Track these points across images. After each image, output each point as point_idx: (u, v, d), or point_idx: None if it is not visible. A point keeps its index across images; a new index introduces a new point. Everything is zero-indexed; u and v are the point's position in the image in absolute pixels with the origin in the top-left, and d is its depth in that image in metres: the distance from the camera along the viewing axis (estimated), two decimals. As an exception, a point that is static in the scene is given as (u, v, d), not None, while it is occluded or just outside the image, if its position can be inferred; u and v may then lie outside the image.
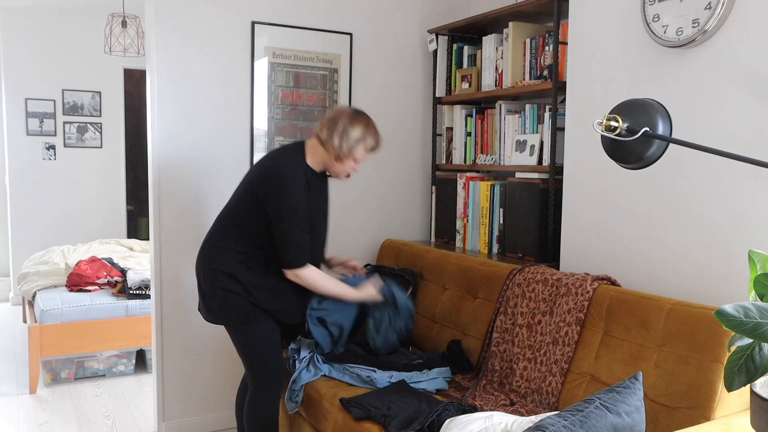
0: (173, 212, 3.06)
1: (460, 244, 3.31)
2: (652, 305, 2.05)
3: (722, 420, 1.76)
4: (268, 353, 2.45)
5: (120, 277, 4.38)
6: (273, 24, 3.19)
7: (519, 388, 2.37)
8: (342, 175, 2.45)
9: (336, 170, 2.43)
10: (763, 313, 1.18)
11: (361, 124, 2.37)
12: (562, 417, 1.44)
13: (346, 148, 2.34)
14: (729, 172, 2.07)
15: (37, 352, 3.78)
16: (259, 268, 2.39)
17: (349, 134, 2.34)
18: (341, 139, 2.33)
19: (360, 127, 2.36)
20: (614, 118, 1.43)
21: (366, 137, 2.37)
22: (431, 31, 3.48)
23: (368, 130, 2.38)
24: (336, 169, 2.42)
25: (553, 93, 2.74)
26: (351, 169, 2.42)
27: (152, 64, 2.97)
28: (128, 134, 6.45)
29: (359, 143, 2.35)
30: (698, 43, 2.12)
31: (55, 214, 6.08)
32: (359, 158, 2.40)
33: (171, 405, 3.12)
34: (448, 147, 3.50)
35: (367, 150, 2.39)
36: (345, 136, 2.33)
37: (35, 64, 5.92)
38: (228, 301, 2.38)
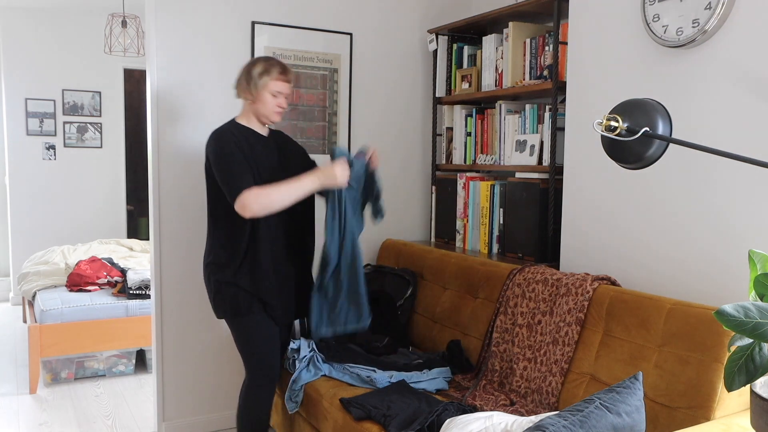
0: (173, 212, 3.06)
1: (460, 244, 3.31)
2: (652, 305, 2.05)
3: (722, 420, 1.76)
4: (263, 348, 2.48)
5: (120, 277, 4.38)
6: (273, 24, 3.19)
7: (519, 388, 2.37)
8: (271, 114, 2.46)
9: (262, 112, 2.46)
10: (763, 313, 1.18)
11: (260, 61, 2.44)
12: (562, 417, 1.44)
13: (253, 86, 2.41)
14: (729, 172, 2.07)
15: (37, 352, 3.78)
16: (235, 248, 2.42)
17: (251, 73, 2.41)
18: (246, 80, 2.42)
19: (261, 64, 2.42)
20: (614, 118, 1.43)
21: (269, 68, 2.41)
22: (431, 31, 3.48)
23: (270, 61, 2.44)
24: (261, 112, 2.45)
25: (553, 93, 2.74)
26: (275, 105, 2.45)
27: (152, 64, 2.97)
28: (128, 134, 6.45)
29: (263, 76, 2.40)
30: (698, 43, 2.12)
31: (55, 214, 6.08)
32: (274, 89, 2.42)
33: (171, 405, 3.12)
34: (448, 147, 3.50)
35: (275, 78, 2.42)
36: (249, 76, 2.42)
37: (35, 64, 5.92)
38: (221, 293, 2.45)
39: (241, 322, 2.47)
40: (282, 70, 2.44)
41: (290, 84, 2.49)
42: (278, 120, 2.52)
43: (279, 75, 2.43)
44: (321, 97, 3.34)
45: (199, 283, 3.12)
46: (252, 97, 2.44)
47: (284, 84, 2.45)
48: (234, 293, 2.43)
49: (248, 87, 2.43)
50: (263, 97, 2.43)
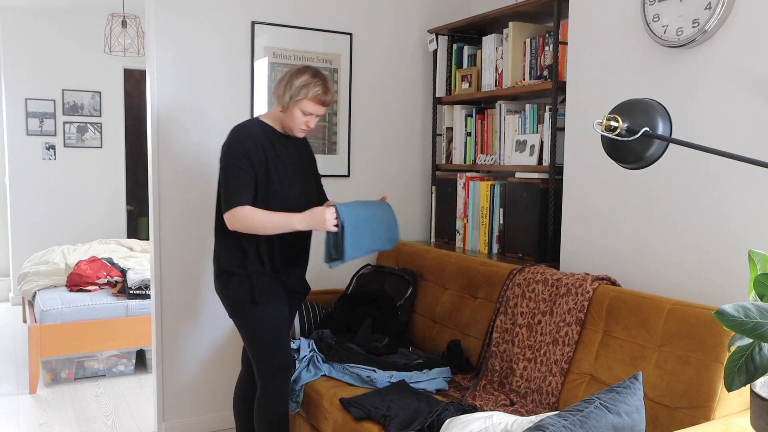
0: (173, 212, 3.06)
1: (460, 244, 3.31)
2: (652, 305, 2.05)
3: (722, 420, 1.76)
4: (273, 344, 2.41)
5: (120, 277, 4.38)
6: (273, 24, 3.19)
7: (519, 388, 2.37)
8: (295, 129, 2.39)
9: (288, 124, 2.39)
10: (763, 313, 1.18)
11: (307, 74, 2.35)
12: (562, 417, 1.44)
13: (288, 97, 2.33)
14: (728, 171, 2.07)
15: (37, 352, 3.78)
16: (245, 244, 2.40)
17: (293, 82, 2.33)
18: (285, 88, 2.34)
19: (305, 76, 2.34)
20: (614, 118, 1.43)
21: (310, 86, 2.32)
22: (431, 31, 3.48)
23: (314, 80, 2.34)
24: (287, 123, 2.39)
25: (553, 93, 2.74)
26: (302, 122, 2.37)
27: (152, 64, 2.97)
28: (128, 134, 6.45)
29: (302, 91, 2.31)
30: (698, 43, 2.12)
31: (55, 214, 6.08)
32: (307, 110, 2.34)
33: (171, 405, 3.12)
34: (448, 147, 3.50)
35: (311, 99, 2.33)
36: (289, 85, 2.33)
37: (35, 64, 5.92)
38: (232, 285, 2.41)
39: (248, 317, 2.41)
40: (323, 93, 2.35)
41: (326, 108, 2.40)
42: (301, 136, 2.46)
43: (317, 97, 2.34)
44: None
45: (199, 283, 3.12)
46: (282, 107, 2.36)
47: (319, 107, 2.36)
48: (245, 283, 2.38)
49: (283, 95, 2.34)
50: (293, 111, 2.35)
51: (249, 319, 2.41)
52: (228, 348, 3.22)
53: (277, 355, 2.43)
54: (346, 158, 3.44)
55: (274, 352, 2.42)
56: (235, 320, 2.47)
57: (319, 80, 2.35)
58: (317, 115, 2.38)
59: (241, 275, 2.39)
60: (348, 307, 3.04)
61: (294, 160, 2.47)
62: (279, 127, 2.44)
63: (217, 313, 3.17)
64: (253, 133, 2.36)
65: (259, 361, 2.43)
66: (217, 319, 3.18)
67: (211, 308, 3.16)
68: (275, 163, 2.38)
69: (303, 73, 2.35)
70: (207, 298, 3.15)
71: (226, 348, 3.22)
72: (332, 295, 3.23)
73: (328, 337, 2.82)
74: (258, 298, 2.38)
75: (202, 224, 3.10)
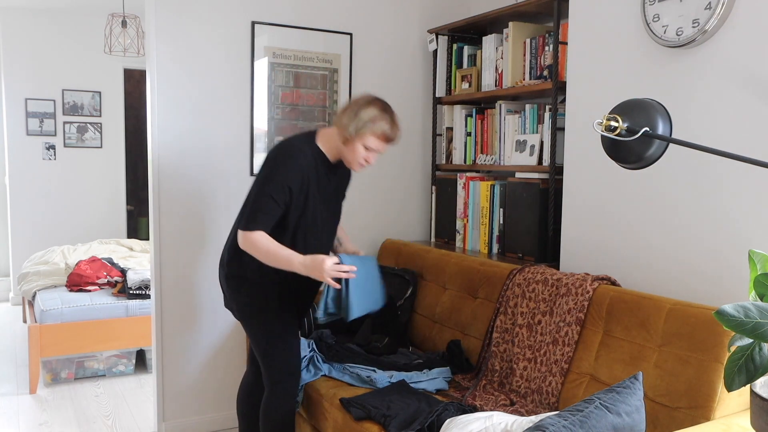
0: (173, 212, 3.06)
1: (460, 244, 3.31)
2: (652, 305, 2.05)
3: (722, 420, 1.76)
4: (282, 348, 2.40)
5: (120, 277, 4.38)
6: (273, 24, 3.19)
7: (519, 388, 2.37)
8: (354, 163, 2.29)
9: (347, 156, 2.29)
10: (763, 313, 1.18)
11: (376, 107, 2.24)
12: (562, 417, 1.44)
13: (353, 129, 2.21)
14: (728, 171, 2.07)
15: (37, 352, 3.78)
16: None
17: (359, 114, 2.21)
18: (351, 118, 2.22)
19: (374, 110, 2.23)
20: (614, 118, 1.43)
21: (377, 121, 2.21)
22: (431, 31, 3.48)
23: (382, 115, 2.23)
24: (346, 155, 2.29)
25: (553, 93, 2.74)
26: (362, 157, 2.27)
27: (152, 64, 2.97)
28: (128, 134, 6.45)
29: (368, 125, 2.21)
30: (698, 43, 2.12)
31: (55, 214, 6.08)
32: (371, 146, 2.24)
33: (171, 405, 3.12)
34: (448, 147, 3.50)
35: (377, 135, 2.23)
36: (356, 116, 2.22)
37: (35, 64, 5.92)
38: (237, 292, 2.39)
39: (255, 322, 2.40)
40: (390, 129, 2.25)
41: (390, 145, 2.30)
42: (357, 170, 2.36)
43: (384, 134, 2.24)
44: (321, 97, 3.34)
45: (199, 283, 3.12)
46: (344, 139, 2.25)
47: (384, 145, 2.27)
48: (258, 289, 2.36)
49: (348, 125, 2.22)
50: (356, 145, 2.24)
51: (259, 324, 2.39)
52: (228, 348, 3.22)
53: (287, 360, 2.41)
54: (346, 158, 3.44)
55: (284, 357, 2.41)
56: (244, 323, 2.45)
57: (387, 115, 2.25)
58: (379, 151, 2.29)
59: (253, 281, 2.36)
60: (348, 307, 3.04)
61: (333, 191, 2.41)
62: (332, 156, 2.34)
63: (218, 313, 3.17)
64: (304, 163, 2.25)
65: (268, 365, 2.41)
66: (217, 318, 3.18)
67: (211, 308, 3.16)
68: (314, 197, 2.31)
69: (371, 105, 2.24)
70: (207, 298, 3.15)
71: (226, 348, 3.22)
72: (332, 295, 3.23)
73: (328, 337, 2.81)
74: (270, 304, 2.37)
75: (202, 224, 3.10)
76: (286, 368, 2.41)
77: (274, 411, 2.42)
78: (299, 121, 3.30)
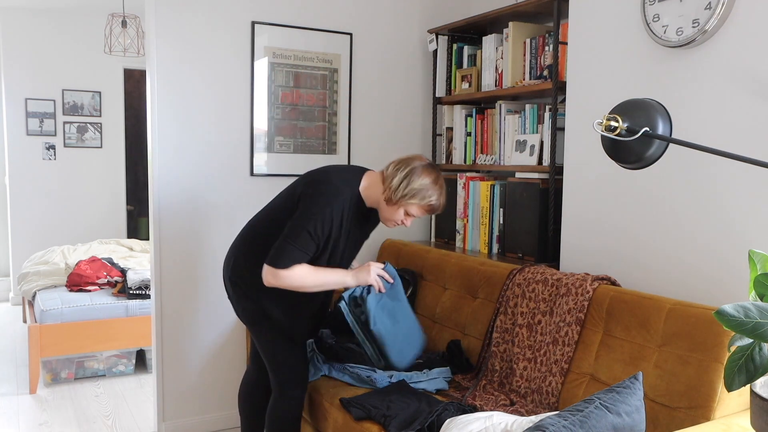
0: (173, 212, 3.06)
1: (460, 244, 3.31)
2: (652, 305, 2.05)
3: (722, 420, 1.76)
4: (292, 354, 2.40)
5: (120, 277, 4.38)
6: (273, 24, 3.19)
7: (519, 388, 2.37)
8: (389, 222, 2.29)
9: (384, 214, 2.28)
10: (763, 313, 1.18)
11: (431, 177, 2.22)
12: (562, 417, 1.44)
13: (401, 193, 2.19)
14: (729, 172, 2.07)
15: (37, 352, 3.78)
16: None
17: (412, 180, 2.19)
18: (402, 181, 2.19)
19: (427, 179, 2.21)
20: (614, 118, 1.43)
21: (428, 191, 2.20)
22: (431, 31, 3.48)
23: (434, 186, 2.22)
24: (385, 213, 2.27)
25: (553, 93, 2.74)
26: (399, 220, 2.27)
27: (152, 64, 2.97)
28: (128, 134, 6.45)
29: (418, 194, 2.19)
30: (698, 43, 2.12)
31: (55, 214, 6.08)
32: (413, 213, 2.24)
33: (171, 405, 3.12)
34: (448, 147, 3.50)
35: (423, 205, 2.23)
36: (407, 180, 2.19)
37: (35, 64, 5.92)
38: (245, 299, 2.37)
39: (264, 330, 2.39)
40: (437, 202, 2.24)
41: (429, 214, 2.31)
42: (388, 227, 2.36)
43: (430, 205, 2.23)
44: (321, 97, 3.34)
45: (199, 283, 3.12)
46: (387, 199, 2.22)
47: (424, 213, 2.28)
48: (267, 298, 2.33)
49: (396, 190, 2.19)
50: (398, 209, 2.23)
51: (268, 331, 2.38)
52: (228, 348, 3.22)
53: (296, 365, 2.42)
54: (346, 158, 3.44)
55: (293, 362, 2.41)
56: (251, 328, 2.43)
57: (438, 188, 2.24)
58: (417, 217, 2.29)
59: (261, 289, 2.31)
60: (348, 307, 3.04)
61: (360, 236, 2.41)
62: (369, 203, 2.31)
63: (217, 313, 3.17)
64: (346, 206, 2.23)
65: (276, 370, 2.41)
66: (217, 319, 3.18)
67: (211, 308, 3.16)
68: (345, 241, 2.30)
69: (426, 174, 2.22)
70: (207, 298, 3.15)
71: (226, 348, 3.22)
72: (332, 295, 3.23)
73: (328, 337, 2.81)
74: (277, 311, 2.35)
75: (202, 224, 3.10)
76: (293, 374, 2.41)
77: (280, 416, 2.42)
78: (299, 121, 3.30)
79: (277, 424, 2.43)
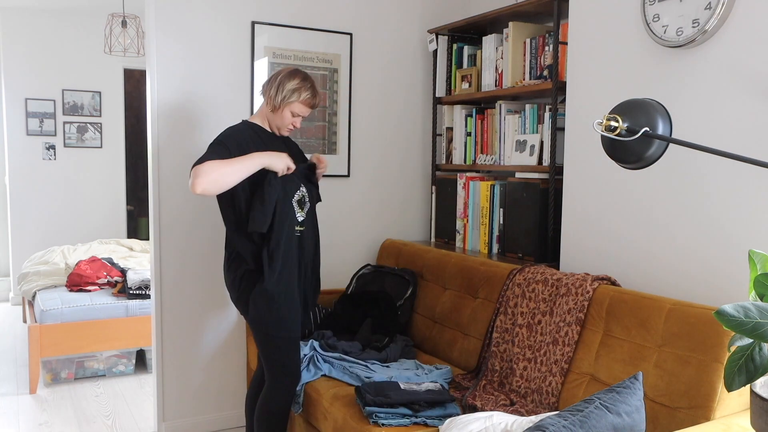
0: (173, 212, 3.06)
1: (460, 244, 3.31)
2: (652, 305, 2.05)
3: (722, 420, 1.76)
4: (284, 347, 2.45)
5: (120, 277, 4.38)
6: (273, 24, 3.19)
7: (519, 388, 2.37)
8: (283, 128, 2.51)
9: (276, 122, 2.50)
10: (763, 313, 1.18)
11: (298, 78, 2.46)
12: (562, 417, 1.44)
13: (279, 98, 2.44)
14: (729, 172, 2.07)
15: (37, 352, 3.78)
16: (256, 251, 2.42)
17: (284, 85, 2.44)
18: (276, 89, 2.45)
19: (296, 81, 2.45)
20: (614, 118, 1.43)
21: (301, 89, 2.45)
22: (431, 31, 3.48)
23: (305, 83, 2.46)
24: (276, 122, 2.50)
25: (553, 93, 2.74)
26: (290, 122, 2.50)
27: (152, 64, 2.97)
28: (128, 134, 6.45)
29: (293, 94, 2.44)
30: (698, 43, 2.12)
31: (55, 214, 6.08)
32: (296, 111, 2.47)
33: (171, 405, 3.12)
34: (448, 147, 3.50)
35: (303, 101, 2.46)
36: (280, 87, 2.44)
37: (35, 64, 5.92)
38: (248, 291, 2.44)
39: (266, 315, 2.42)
40: (312, 96, 2.49)
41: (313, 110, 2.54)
42: (287, 134, 2.57)
43: (307, 100, 2.48)
44: (321, 97, 3.34)
45: (199, 283, 3.12)
46: (273, 107, 2.47)
47: (308, 109, 2.51)
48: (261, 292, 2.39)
49: (275, 96, 2.45)
50: (283, 112, 2.47)
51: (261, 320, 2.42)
52: (228, 348, 3.22)
53: (289, 357, 2.46)
54: (346, 158, 3.44)
55: (286, 354, 2.45)
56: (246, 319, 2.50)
57: (308, 84, 2.48)
58: (303, 116, 2.52)
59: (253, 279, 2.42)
60: (348, 307, 3.04)
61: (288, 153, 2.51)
62: (267, 127, 2.55)
63: (217, 313, 3.17)
64: (240, 132, 2.45)
65: (269, 362, 2.46)
66: (217, 319, 3.18)
67: (211, 308, 3.16)
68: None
69: (294, 77, 2.47)
70: (207, 298, 3.15)
71: (227, 348, 3.22)
72: (332, 295, 3.23)
73: (329, 337, 2.82)
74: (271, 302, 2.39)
75: (202, 224, 3.10)
76: (287, 366, 2.45)
77: (270, 404, 2.47)
78: (299, 121, 3.29)
79: (266, 412, 2.47)
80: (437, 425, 2.13)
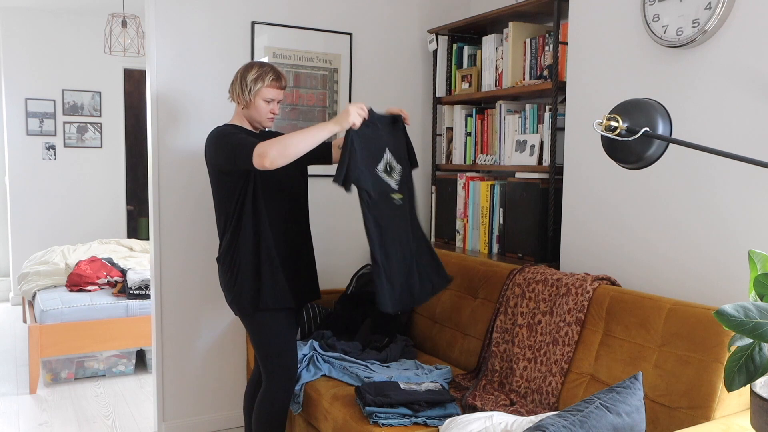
0: (173, 212, 3.06)
1: (460, 244, 3.31)
2: (652, 305, 2.05)
3: (722, 420, 1.76)
4: (279, 346, 2.44)
5: (120, 277, 4.38)
6: (273, 24, 3.19)
7: (519, 388, 2.37)
8: (264, 120, 2.48)
9: (255, 117, 2.48)
10: (763, 313, 1.18)
11: (255, 67, 2.45)
12: (562, 417, 1.44)
13: (246, 92, 2.43)
14: (729, 171, 2.07)
15: (37, 352, 3.78)
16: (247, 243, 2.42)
17: (245, 79, 2.43)
18: (240, 86, 2.44)
19: (254, 70, 2.44)
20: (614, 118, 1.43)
21: (262, 75, 2.42)
22: (431, 31, 3.48)
23: (263, 69, 2.44)
24: (254, 116, 2.47)
25: (553, 93, 2.74)
26: (268, 111, 2.47)
27: (152, 64, 2.97)
28: (128, 134, 6.45)
29: (257, 82, 2.42)
30: (698, 43, 2.12)
31: (55, 214, 6.08)
32: (267, 96, 2.44)
33: (171, 405, 3.12)
34: (448, 147, 3.50)
35: (269, 86, 2.43)
36: (243, 82, 2.43)
37: (35, 64, 5.92)
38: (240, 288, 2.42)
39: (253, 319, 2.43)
40: (276, 77, 2.45)
41: (283, 90, 2.50)
42: (270, 126, 2.54)
43: (272, 82, 2.44)
44: (321, 97, 3.34)
45: (199, 283, 3.12)
46: (245, 103, 2.46)
47: (277, 91, 2.47)
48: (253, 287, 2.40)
49: (242, 93, 2.44)
50: (257, 103, 2.44)
51: (255, 323, 2.43)
52: (228, 348, 3.22)
53: (284, 356, 2.45)
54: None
55: (281, 353, 2.44)
56: (242, 318, 2.49)
57: (267, 68, 2.46)
58: (278, 100, 2.49)
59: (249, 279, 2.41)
60: (348, 308, 3.04)
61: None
62: (249, 126, 2.53)
63: (217, 313, 3.17)
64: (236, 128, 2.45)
65: (265, 360, 2.45)
66: (217, 319, 3.18)
67: (211, 308, 3.16)
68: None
69: (251, 68, 2.45)
70: (207, 298, 3.15)
71: (226, 348, 3.22)
72: (332, 296, 3.23)
73: (329, 337, 2.82)
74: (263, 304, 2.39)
75: (202, 224, 3.10)
76: (283, 364, 2.45)
77: (268, 403, 2.46)
78: (299, 121, 3.30)
79: (264, 412, 2.46)
80: (437, 425, 2.13)
